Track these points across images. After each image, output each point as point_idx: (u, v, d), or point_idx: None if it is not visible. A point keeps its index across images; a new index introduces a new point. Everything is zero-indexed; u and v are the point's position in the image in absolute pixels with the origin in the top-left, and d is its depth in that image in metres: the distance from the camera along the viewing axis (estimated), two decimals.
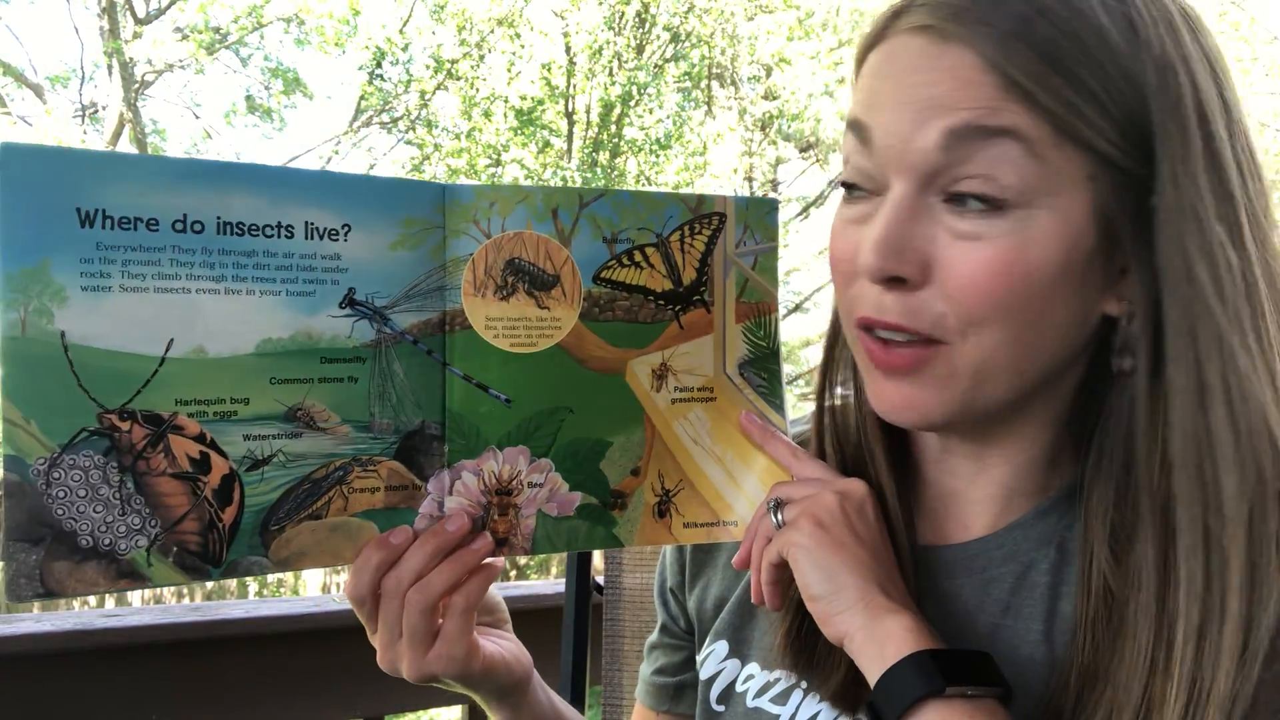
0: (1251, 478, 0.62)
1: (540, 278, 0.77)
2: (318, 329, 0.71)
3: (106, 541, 0.65)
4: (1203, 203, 0.63)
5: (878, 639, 0.65)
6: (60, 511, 0.64)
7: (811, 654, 0.75)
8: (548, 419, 0.77)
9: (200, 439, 0.68)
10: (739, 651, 0.83)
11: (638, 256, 0.79)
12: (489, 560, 0.77)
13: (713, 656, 0.84)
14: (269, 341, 0.69)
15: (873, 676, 0.65)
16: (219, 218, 0.68)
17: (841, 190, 0.71)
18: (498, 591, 0.89)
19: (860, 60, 0.70)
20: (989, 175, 0.62)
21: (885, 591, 0.68)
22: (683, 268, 0.81)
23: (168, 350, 0.66)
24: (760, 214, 0.83)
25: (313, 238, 0.70)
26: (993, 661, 0.66)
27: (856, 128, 0.68)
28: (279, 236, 0.69)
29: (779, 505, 0.74)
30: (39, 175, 0.63)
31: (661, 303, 0.80)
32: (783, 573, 0.73)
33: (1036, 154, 0.62)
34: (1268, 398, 0.62)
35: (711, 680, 0.83)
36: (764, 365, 0.83)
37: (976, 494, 0.75)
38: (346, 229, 0.71)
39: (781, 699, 0.78)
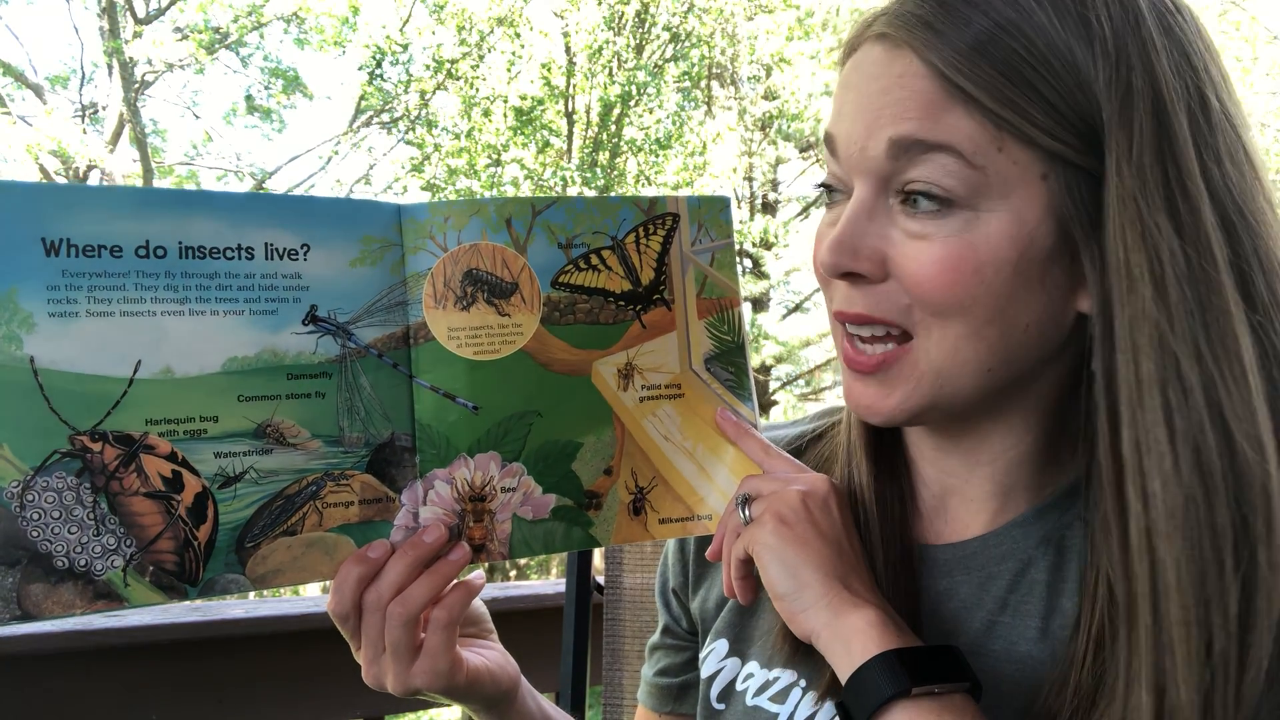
0: (1189, 472, 0.60)
1: (499, 286, 0.78)
2: (283, 346, 0.72)
3: (82, 562, 0.66)
4: (1146, 194, 0.62)
5: (842, 636, 0.66)
6: (35, 534, 0.65)
7: (808, 649, 0.74)
8: (516, 423, 0.78)
9: (172, 458, 0.69)
10: (739, 650, 0.83)
11: (594, 260, 0.80)
12: (470, 576, 0.77)
13: (713, 655, 0.84)
14: (235, 360, 0.70)
15: (843, 675, 0.66)
16: (180, 242, 0.69)
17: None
18: (488, 595, 0.89)
19: (840, 70, 0.72)
20: (932, 181, 0.64)
21: (849, 587, 0.68)
22: (640, 268, 0.81)
23: (136, 371, 0.68)
24: (713, 212, 0.84)
25: (273, 258, 0.72)
26: (960, 655, 0.66)
27: (827, 139, 0.71)
28: (240, 258, 0.71)
29: (747, 501, 0.74)
30: (2, 208, 0.65)
31: (622, 303, 0.81)
32: (751, 568, 0.73)
33: (976, 164, 0.63)
34: (1217, 389, 0.61)
35: (712, 678, 0.84)
36: (730, 359, 0.84)
37: (972, 492, 0.76)
38: (306, 248, 0.73)
39: (780, 697, 0.78)
